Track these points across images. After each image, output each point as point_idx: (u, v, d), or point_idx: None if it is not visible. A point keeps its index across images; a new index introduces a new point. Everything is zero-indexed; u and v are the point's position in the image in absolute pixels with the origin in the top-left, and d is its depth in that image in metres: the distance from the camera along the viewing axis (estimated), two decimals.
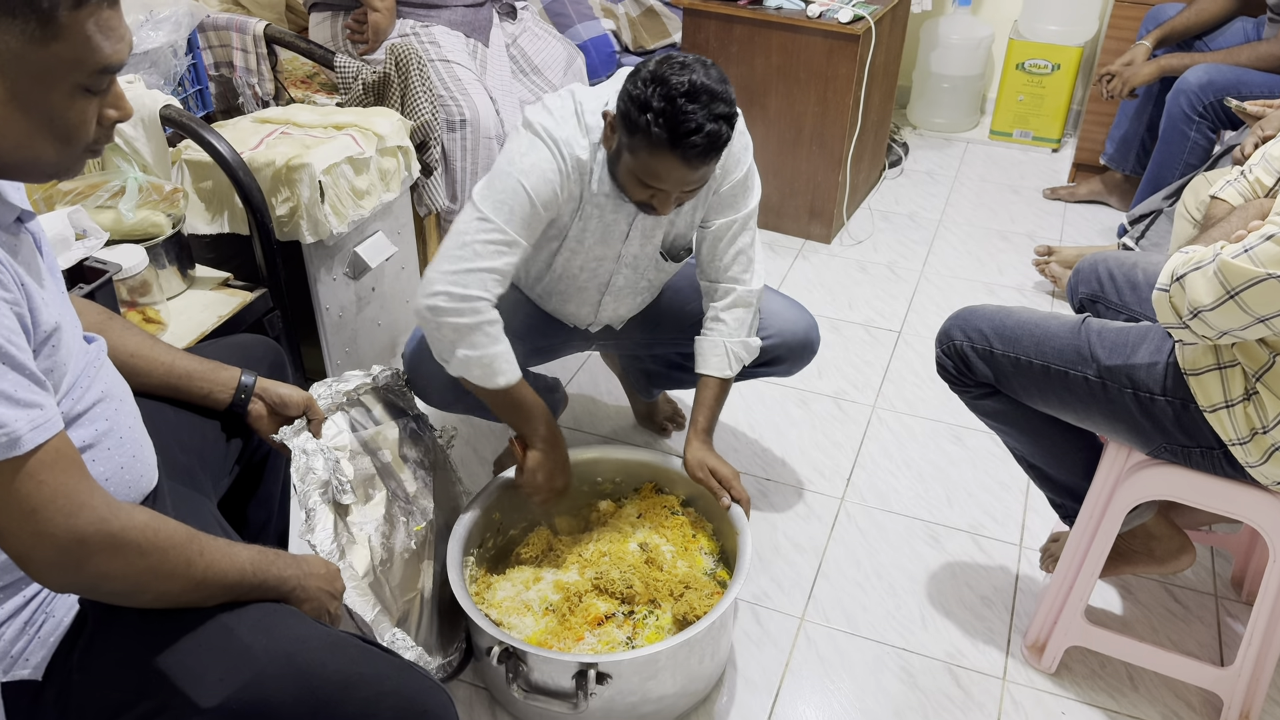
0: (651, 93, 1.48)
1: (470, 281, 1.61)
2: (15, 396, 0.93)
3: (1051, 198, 3.47)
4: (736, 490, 1.81)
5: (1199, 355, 1.45)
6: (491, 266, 1.62)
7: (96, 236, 1.72)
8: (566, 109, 1.66)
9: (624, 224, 1.78)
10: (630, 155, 1.57)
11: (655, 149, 1.52)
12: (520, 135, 1.66)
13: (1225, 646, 1.88)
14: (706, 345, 1.89)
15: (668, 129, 1.49)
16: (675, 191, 1.60)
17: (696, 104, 1.48)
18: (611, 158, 1.64)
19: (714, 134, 1.50)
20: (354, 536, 1.61)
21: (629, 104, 1.52)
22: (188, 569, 1.07)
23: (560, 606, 1.72)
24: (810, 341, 2.01)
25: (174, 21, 2.14)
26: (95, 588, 1.04)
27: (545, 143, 1.63)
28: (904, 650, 1.87)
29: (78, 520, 0.97)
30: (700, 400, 1.89)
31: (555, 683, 1.58)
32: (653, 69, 1.51)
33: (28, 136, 0.95)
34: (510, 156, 1.65)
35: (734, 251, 1.84)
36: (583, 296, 1.91)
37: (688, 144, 1.50)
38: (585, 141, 1.65)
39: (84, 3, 0.91)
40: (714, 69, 1.53)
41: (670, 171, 1.55)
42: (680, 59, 1.52)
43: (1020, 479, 2.22)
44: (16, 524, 0.95)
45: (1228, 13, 2.88)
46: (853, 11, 2.86)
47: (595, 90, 1.70)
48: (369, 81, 2.32)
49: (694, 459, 1.84)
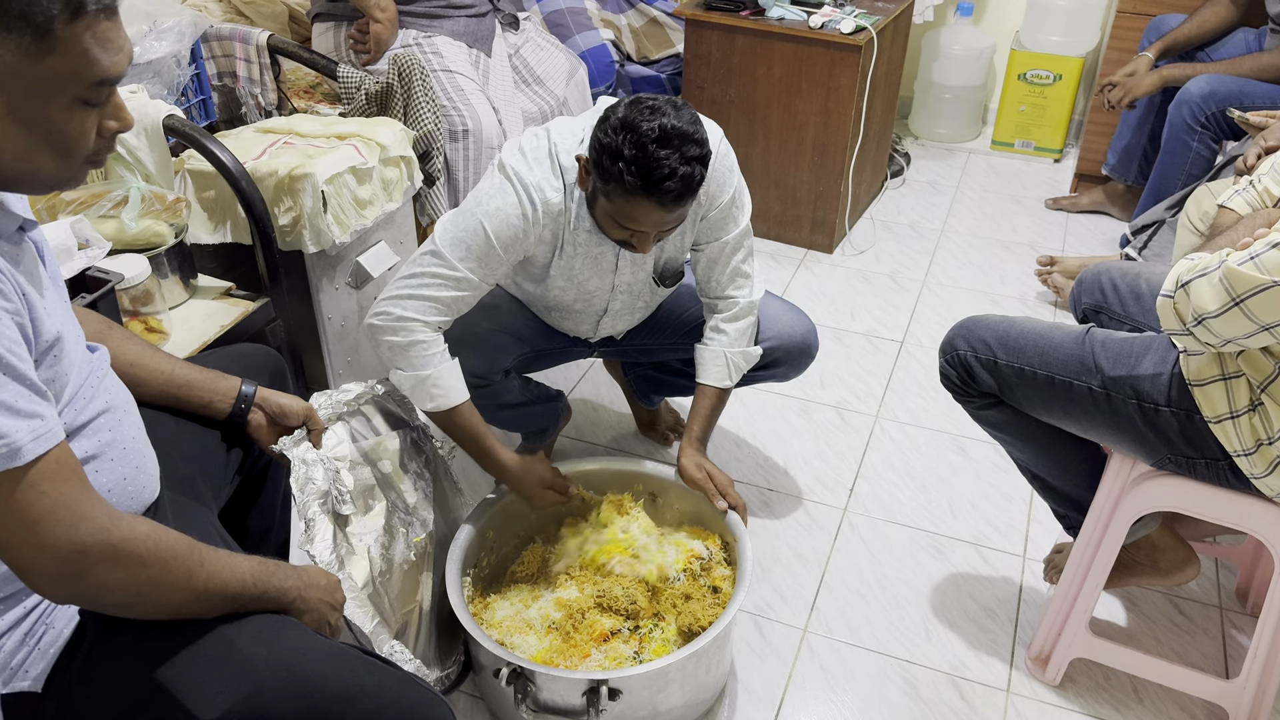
0: (622, 140, 1.49)
1: (409, 306, 1.67)
2: (16, 407, 0.92)
3: (1053, 208, 3.47)
4: (731, 496, 1.82)
5: (1204, 366, 1.45)
6: (433, 296, 1.67)
7: (99, 246, 1.72)
8: (540, 151, 1.67)
9: (611, 255, 1.79)
10: (605, 199, 1.58)
11: (630, 195, 1.53)
12: (493, 176, 1.68)
13: (1230, 659, 1.87)
14: (707, 355, 1.89)
15: (640, 176, 1.49)
16: (653, 231, 1.61)
17: (669, 149, 1.48)
18: (589, 199, 1.66)
19: (687, 177, 1.51)
20: (353, 547, 1.60)
21: (600, 152, 1.52)
22: (189, 580, 1.06)
23: (564, 624, 1.71)
24: (809, 346, 2.01)
25: (177, 31, 2.14)
26: (96, 599, 1.03)
27: (515, 187, 1.65)
28: (907, 662, 1.87)
29: (78, 531, 0.97)
30: (697, 409, 1.90)
31: (565, 701, 1.57)
32: (622, 115, 1.51)
33: (27, 149, 0.94)
34: (479, 197, 1.67)
35: (729, 272, 1.84)
36: (581, 318, 1.94)
37: (662, 190, 1.50)
38: (559, 184, 1.66)
39: (80, 15, 0.90)
40: (685, 109, 1.53)
41: (647, 215, 1.56)
42: (650, 101, 1.52)
43: (1024, 489, 2.22)
44: (17, 536, 0.95)
45: (1229, 24, 2.88)
46: (855, 22, 2.86)
47: (571, 126, 1.70)
48: (372, 92, 2.33)
49: (689, 463, 1.85)
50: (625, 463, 1.99)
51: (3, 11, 0.87)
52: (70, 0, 0.90)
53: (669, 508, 1.93)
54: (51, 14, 0.89)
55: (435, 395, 1.71)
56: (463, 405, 1.73)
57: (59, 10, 0.89)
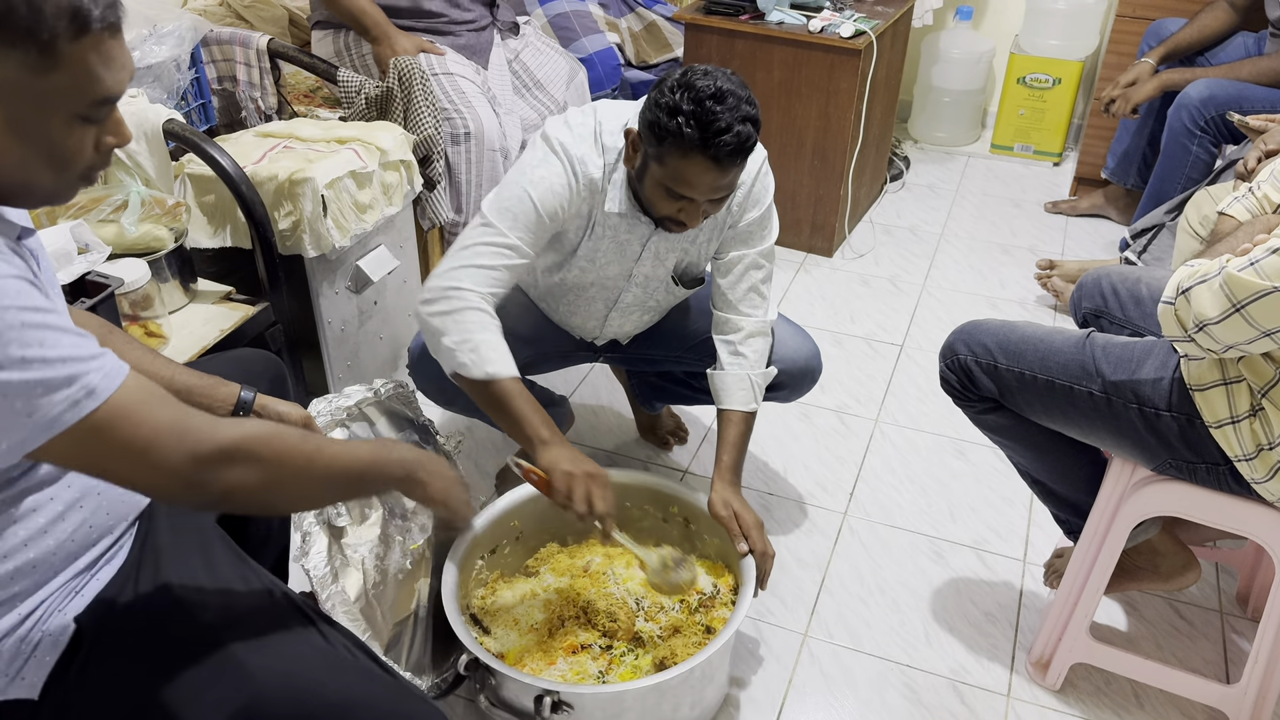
0: (680, 97, 1.51)
1: (461, 276, 1.62)
2: (77, 354, 0.94)
3: (1053, 211, 3.47)
4: (754, 540, 1.71)
5: (1204, 371, 1.45)
6: (487, 264, 1.63)
7: (99, 250, 1.72)
8: (586, 126, 1.68)
9: (637, 244, 1.78)
10: (658, 165, 1.58)
11: (687, 152, 1.53)
12: (536, 146, 1.68)
13: (1231, 664, 1.87)
14: (730, 380, 1.83)
15: (699, 129, 1.50)
16: (703, 200, 1.61)
17: (723, 105, 1.51)
18: (636, 174, 1.65)
19: (743, 134, 1.52)
20: (348, 559, 1.60)
21: (657, 111, 1.53)
22: (309, 467, 1.09)
23: (543, 627, 1.71)
24: (812, 370, 1.99)
25: (177, 36, 2.14)
26: (228, 500, 1.05)
27: (559, 157, 1.65)
28: (908, 667, 1.86)
29: (187, 443, 0.99)
30: (725, 438, 1.82)
31: (518, 702, 1.58)
32: (678, 77, 1.54)
33: (24, 163, 0.95)
34: (522, 166, 1.67)
35: (746, 286, 1.83)
36: (590, 310, 1.91)
37: (719, 144, 1.51)
38: (600, 161, 1.67)
39: (85, 33, 0.90)
40: (736, 76, 1.56)
41: (701, 175, 1.55)
42: (703, 68, 1.55)
43: (1024, 494, 2.21)
44: (133, 465, 0.97)
45: (1229, 28, 2.89)
46: (854, 26, 2.86)
47: (618, 108, 1.71)
48: (371, 96, 2.33)
49: (718, 498, 1.76)
50: (663, 482, 1.91)
51: (8, 27, 0.87)
52: (76, 18, 0.90)
53: (699, 537, 1.87)
54: (56, 31, 0.89)
55: (493, 359, 1.60)
56: (513, 377, 1.64)
57: (64, 27, 0.89)
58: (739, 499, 1.77)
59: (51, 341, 0.92)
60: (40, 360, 0.90)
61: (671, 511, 1.91)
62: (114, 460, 0.97)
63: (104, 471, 0.98)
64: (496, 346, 1.61)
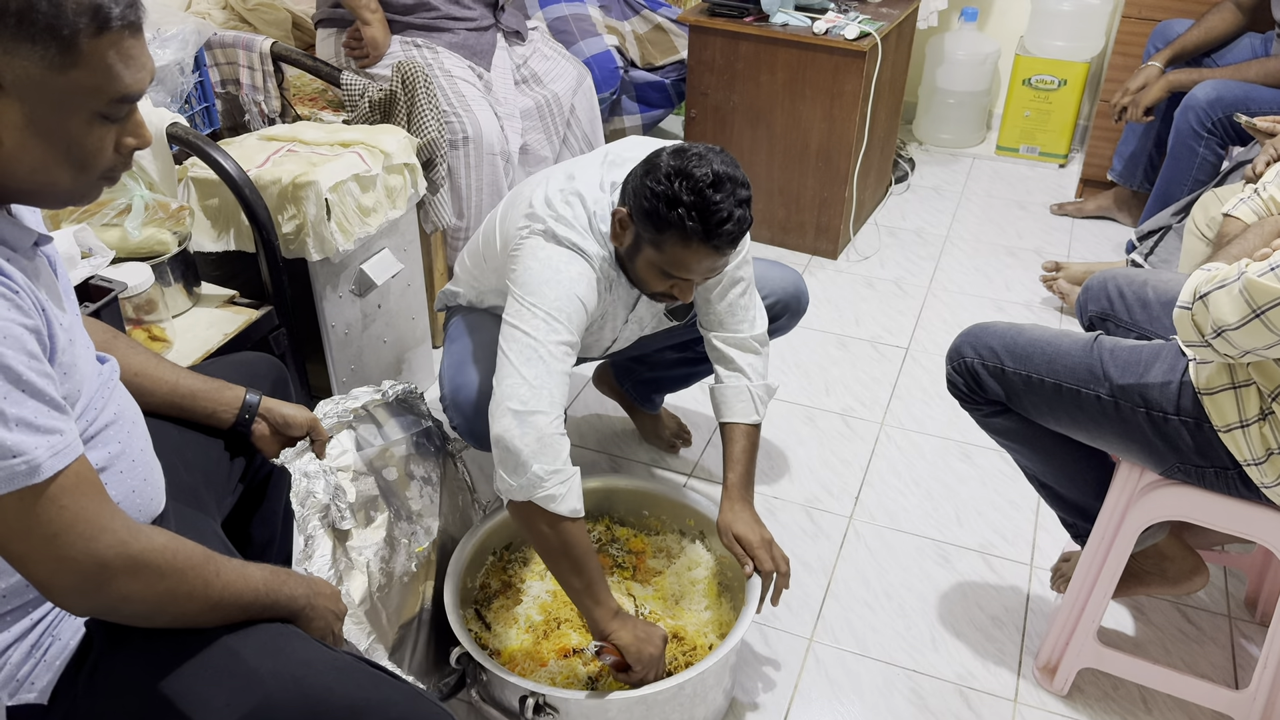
0: (679, 187, 1.50)
1: (548, 389, 1.51)
2: (35, 423, 0.92)
3: (1059, 213, 3.46)
4: (760, 559, 1.69)
5: (1214, 374, 1.44)
6: (563, 369, 1.55)
7: (102, 254, 1.72)
8: (580, 220, 1.64)
9: (631, 297, 1.80)
10: (654, 250, 1.57)
11: (688, 242, 1.53)
12: (545, 245, 1.61)
13: (1239, 668, 1.86)
14: (729, 392, 1.81)
15: (701, 221, 1.50)
16: (699, 280, 1.61)
17: (722, 193, 1.50)
18: (626, 253, 1.64)
19: (742, 220, 1.53)
20: (352, 562, 1.60)
21: (655, 200, 1.52)
22: (205, 590, 1.07)
23: (539, 628, 1.71)
24: (801, 293, 2.05)
25: (181, 39, 2.14)
26: (116, 610, 1.04)
27: (581, 256, 1.62)
28: (914, 672, 1.85)
29: (98, 544, 0.97)
30: (729, 455, 1.79)
31: (506, 701, 1.59)
32: (672, 163, 1.52)
33: (44, 162, 0.95)
34: (553, 266, 1.59)
35: (726, 304, 1.83)
36: (591, 350, 1.93)
37: (720, 234, 1.52)
38: (604, 253, 1.66)
39: (105, 31, 0.91)
40: (725, 154, 1.55)
41: (700, 261, 1.56)
42: (695, 151, 1.53)
43: (1031, 497, 2.20)
44: (38, 550, 0.95)
45: (1236, 29, 2.88)
46: (859, 28, 2.86)
47: (594, 178, 1.67)
48: (375, 99, 2.32)
49: (722, 523, 1.74)
50: (680, 494, 1.92)
51: (28, 23, 0.87)
52: (96, 15, 0.90)
53: (714, 549, 1.88)
54: (77, 28, 0.89)
55: (580, 496, 1.53)
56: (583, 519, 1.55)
57: (85, 24, 0.89)
58: (745, 518, 1.74)
59: (15, 400, 0.91)
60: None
61: (689, 524, 1.92)
62: (19, 540, 0.94)
63: (2, 547, 0.95)
64: (580, 482, 1.53)
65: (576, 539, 1.52)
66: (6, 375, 0.90)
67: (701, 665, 1.58)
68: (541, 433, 1.48)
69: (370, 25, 2.48)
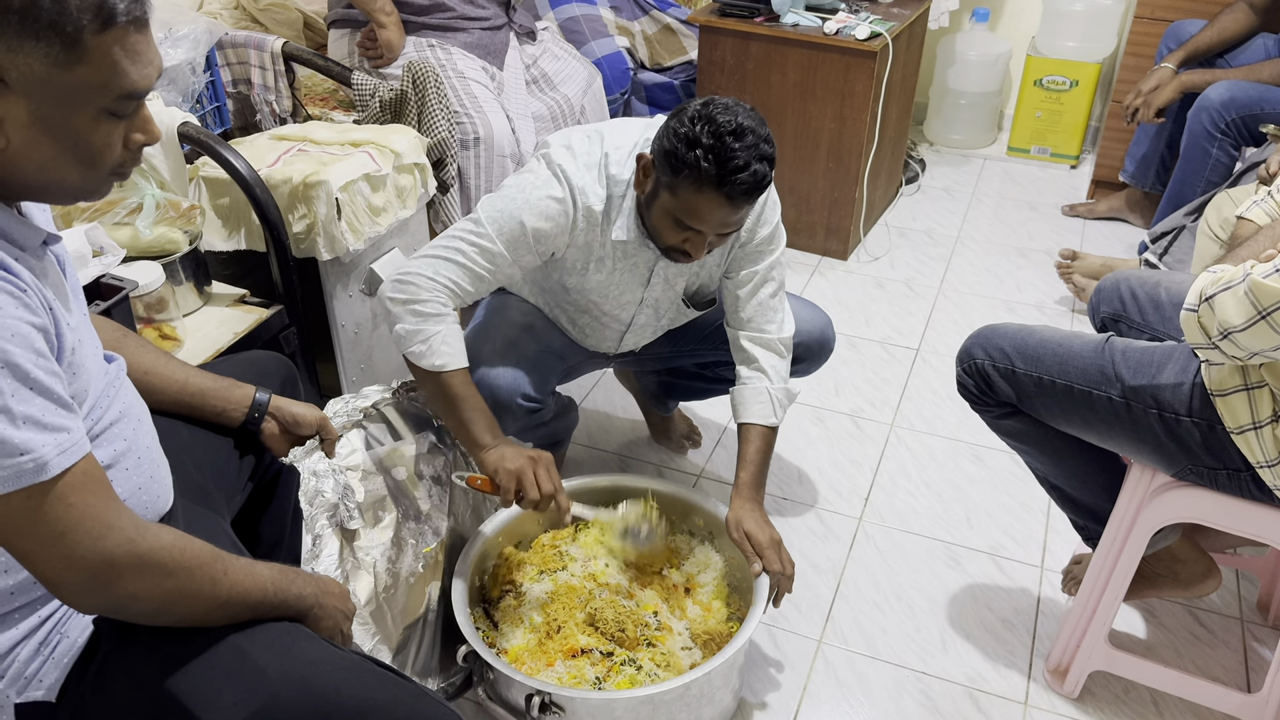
0: (700, 130, 1.50)
1: (440, 269, 1.63)
2: (42, 421, 0.93)
3: (1070, 214, 3.45)
4: (768, 559, 1.68)
5: (1226, 376, 1.43)
6: (463, 262, 1.64)
7: (113, 253, 1.72)
8: (592, 155, 1.66)
9: (645, 269, 1.78)
10: (670, 195, 1.56)
11: (701, 186, 1.52)
12: (539, 167, 1.66)
13: (1252, 672, 1.85)
14: (748, 393, 1.81)
15: (716, 165, 1.49)
16: (711, 234, 1.60)
17: (742, 143, 1.50)
18: (645, 200, 1.64)
19: (759, 173, 1.52)
20: (359, 562, 1.60)
21: (675, 141, 1.52)
22: (212, 588, 1.07)
23: (542, 628, 1.71)
24: (826, 339, 2.01)
25: (192, 39, 2.15)
26: (123, 608, 1.04)
27: (561, 184, 1.64)
28: (924, 674, 1.85)
29: (106, 542, 0.97)
30: (743, 454, 1.79)
31: (513, 699, 1.59)
32: (699, 108, 1.52)
33: (51, 159, 0.94)
34: (522, 185, 1.66)
35: (756, 303, 1.82)
36: (604, 332, 1.92)
37: (735, 181, 1.50)
38: (602, 193, 1.66)
39: (110, 26, 0.90)
40: (754, 111, 1.55)
41: (713, 210, 1.55)
42: (724, 101, 1.53)
43: (1041, 499, 2.19)
44: (45, 548, 0.95)
45: (1249, 30, 2.86)
46: (870, 28, 2.85)
47: (627, 131, 1.69)
48: (386, 99, 2.32)
49: (731, 520, 1.74)
50: (689, 494, 1.90)
51: (32, 19, 0.87)
52: (101, 11, 0.89)
53: (724, 551, 1.86)
54: (81, 24, 0.89)
55: (443, 352, 1.62)
56: (462, 370, 1.64)
57: (89, 20, 0.89)
58: (755, 518, 1.74)
59: (23, 398, 0.91)
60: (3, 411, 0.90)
61: (697, 524, 1.91)
62: (27, 537, 0.95)
63: (9, 544, 0.96)
64: (449, 340, 1.62)
65: (443, 387, 1.63)
66: (14, 373, 0.90)
67: (709, 665, 1.57)
68: (411, 298, 1.61)
69: (385, 28, 2.48)
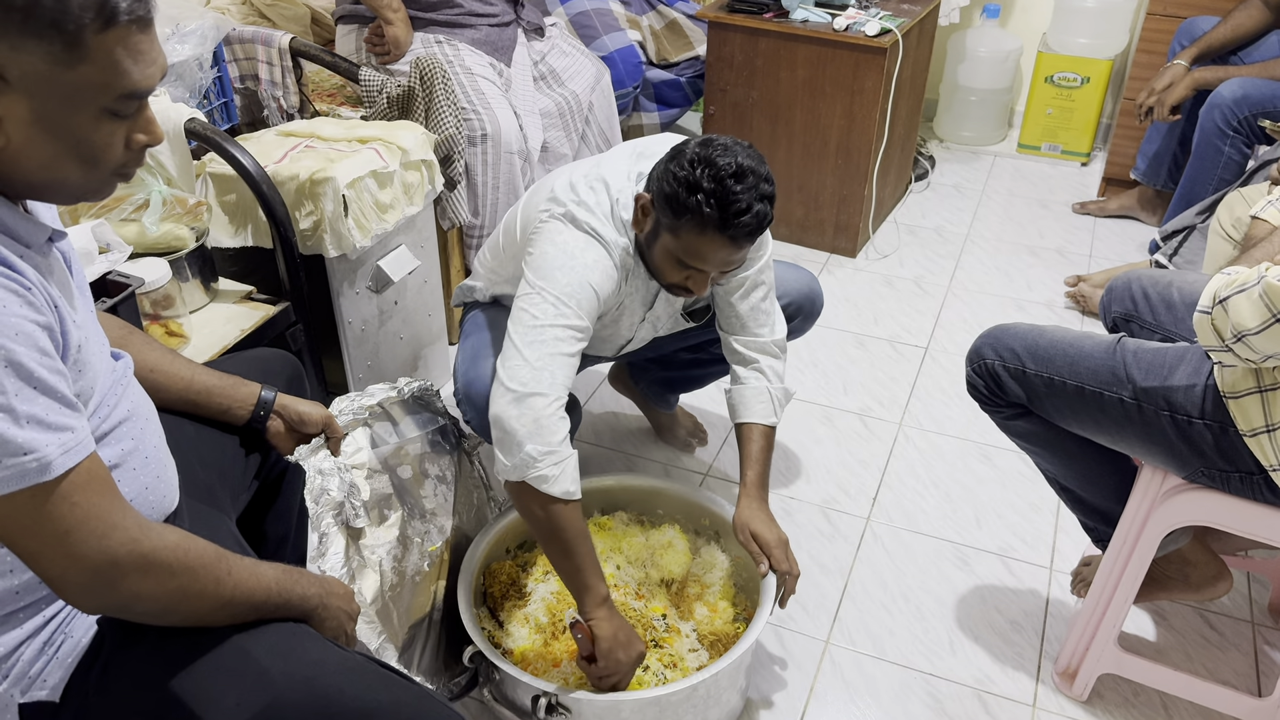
0: (700, 174, 1.49)
1: (550, 370, 1.51)
2: (46, 420, 0.92)
3: (1081, 212, 3.43)
4: (776, 559, 1.68)
5: (1239, 378, 1.41)
6: (569, 351, 1.55)
7: (120, 250, 1.72)
8: (602, 206, 1.64)
9: (650, 293, 1.78)
10: (672, 236, 1.56)
11: (704, 230, 1.52)
12: (568, 230, 1.61)
13: (1262, 676, 1.84)
14: (748, 393, 1.81)
15: (719, 209, 1.49)
16: (714, 272, 1.60)
17: (743, 185, 1.49)
18: (645, 239, 1.63)
19: (761, 214, 1.52)
20: (365, 560, 1.60)
21: (675, 185, 1.51)
22: (216, 588, 1.07)
23: (546, 629, 1.71)
24: (815, 295, 2.03)
25: (200, 35, 2.14)
26: (127, 608, 1.04)
27: (599, 243, 1.62)
28: (932, 675, 1.84)
29: (110, 542, 0.97)
30: (745, 454, 1.80)
31: (519, 699, 1.58)
32: (698, 150, 1.52)
33: (53, 158, 0.94)
34: (568, 252, 1.59)
35: (748, 306, 1.82)
36: (604, 347, 1.92)
37: (737, 224, 1.50)
38: (624, 242, 1.65)
39: (112, 25, 0.89)
40: (753, 150, 1.54)
41: (715, 252, 1.55)
42: (722, 141, 1.53)
43: (1051, 500, 2.18)
44: (49, 547, 0.95)
45: (1263, 27, 2.83)
46: (880, 24, 2.83)
47: (623, 169, 1.67)
48: (393, 95, 2.32)
49: (739, 520, 1.74)
50: (695, 493, 1.91)
51: (34, 18, 0.87)
52: (103, 10, 0.89)
53: (730, 551, 1.86)
54: (83, 23, 0.88)
55: (575, 478, 1.52)
56: (579, 501, 1.54)
57: (91, 19, 0.88)
58: (761, 517, 1.74)
59: (27, 397, 0.90)
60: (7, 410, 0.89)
61: (704, 524, 1.90)
62: (31, 537, 0.94)
63: (13, 543, 0.95)
64: (576, 465, 1.53)
65: (568, 521, 1.52)
66: (18, 372, 0.90)
67: (716, 666, 1.57)
68: (538, 414, 1.49)
69: (393, 25, 2.47)
